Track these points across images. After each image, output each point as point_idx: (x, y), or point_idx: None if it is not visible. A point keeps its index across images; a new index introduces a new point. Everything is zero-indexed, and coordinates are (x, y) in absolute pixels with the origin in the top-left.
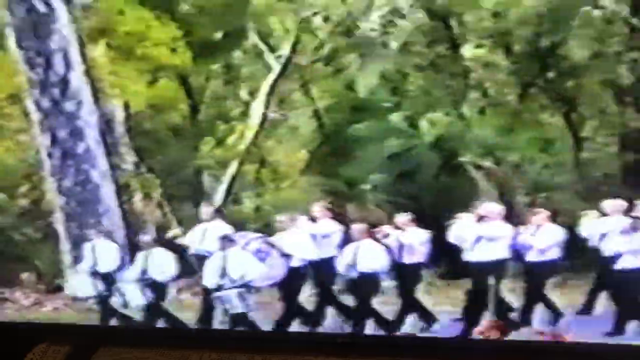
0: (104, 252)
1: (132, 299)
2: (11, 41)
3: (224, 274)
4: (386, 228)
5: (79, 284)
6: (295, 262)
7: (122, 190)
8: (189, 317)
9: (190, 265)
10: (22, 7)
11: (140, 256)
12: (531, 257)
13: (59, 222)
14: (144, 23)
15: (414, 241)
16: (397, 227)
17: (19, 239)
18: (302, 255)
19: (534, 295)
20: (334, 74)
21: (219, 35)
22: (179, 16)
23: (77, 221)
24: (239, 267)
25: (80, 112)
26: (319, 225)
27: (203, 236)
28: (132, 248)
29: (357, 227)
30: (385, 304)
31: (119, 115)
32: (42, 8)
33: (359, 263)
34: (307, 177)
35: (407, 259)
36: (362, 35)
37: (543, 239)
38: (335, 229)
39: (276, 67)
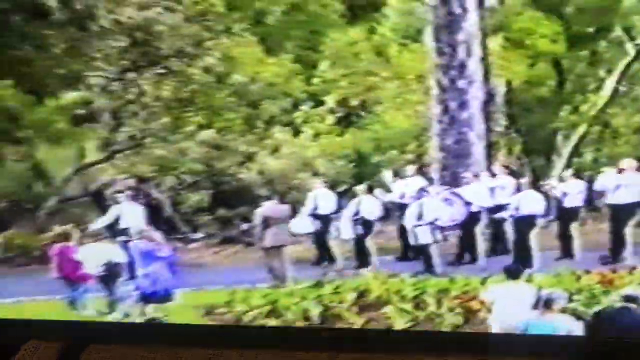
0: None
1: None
2: (427, 35)
3: (420, 217)
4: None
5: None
6: (474, 208)
7: (491, 148)
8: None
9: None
10: (443, 10)
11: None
12: None
13: (434, 172)
14: (535, 21)
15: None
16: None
17: None
18: (480, 203)
19: None
20: None
21: (591, 30)
22: (564, 15)
23: (450, 171)
24: (433, 211)
25: (471, 89)
26: (497, 180)
27: (406, 188)
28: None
29: (523, 181)
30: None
31: (501, 90)
32: (458, 11)
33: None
34: (638, 135)
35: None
36: None
37: None
38: (509, 182)
39: (632, 53)
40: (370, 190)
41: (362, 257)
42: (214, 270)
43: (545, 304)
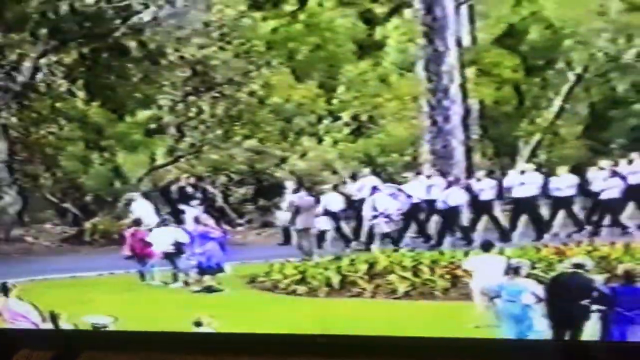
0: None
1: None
2: (419, 67)
3: (375, 208)
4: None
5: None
6: (415, 200)
7: (469, 151)
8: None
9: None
10: (431, 48)
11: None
12: None
13: (426, 169)
14: (500, 56)
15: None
16: None
17: None
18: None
19: None
20: None
21: (542, 62)
22: (521, 52)
23: (437, 171)
24: (382, 204)
25: (453, 106)
26: (431, 180)
27: (362, 187)
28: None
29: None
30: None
31: (475, 107)
32: (442, 49)
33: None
34: (580, 141)
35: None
36: None
37: None
38: (440, 182)
39: (572, 79)
40: (335, 187)
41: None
42: (255, 247)
43: (513, 271)
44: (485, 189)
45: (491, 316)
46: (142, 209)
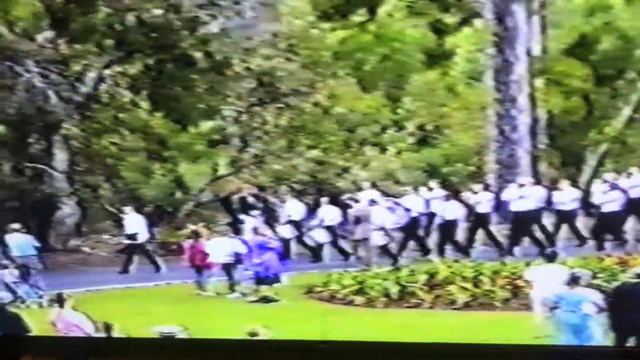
0: None
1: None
2: (487, 76)
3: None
4: None
5: None
6: (413, 214)
7: (535, 160)
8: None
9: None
10: (500, 58)
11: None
12: None
13: (490, 179)
14: (571, 66)
15: None
16: None
17: None
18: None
19: None
20: None
21: (612, 72)
22: (592, 62)
23: (501, 179)
24: (379, 217)
25: (520, 116)
26: (433, 193)
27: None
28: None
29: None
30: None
31: (543, 117)
32: (511, 58)
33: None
34: None
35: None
36: None
37: None
38: (440, 194)
39: None
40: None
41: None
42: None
43: (574, 281)
44: (482, 202)
45: (551, 326)
46: (134, 223)
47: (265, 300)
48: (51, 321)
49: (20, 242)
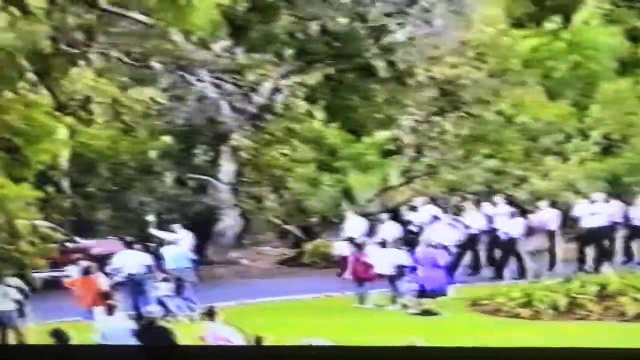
0: None
1: None
2: None
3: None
4: None
5: None
6: (473, 230)
7: None
8: None
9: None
10: None
11: None
12: None
13: None
14: None
15: None
16: None
17: None
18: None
19: None
20: None
21: None
22: None
23: None
24: (441, 234)
25: None
26: (497, 208)
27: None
28: None
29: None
30: None
31: None
32: None
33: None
34: None
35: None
36: None
37: None
38: (506, 210)
39: None
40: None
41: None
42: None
43: None
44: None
45: None
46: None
47: (427, 313)
48: (200, 336)
49: (176, 254)
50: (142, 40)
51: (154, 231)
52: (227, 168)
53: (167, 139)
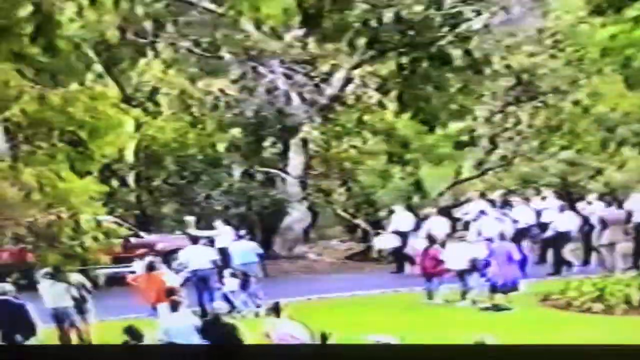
0: None
1: None
2: None
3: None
4: None
5: None
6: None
7: None
8: None
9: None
10: None
11: None
12: None
13: None
14: None
15: None
16: None
17: None
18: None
19: None
20: None
21: None
22: None
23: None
24: (489, 227)
25: None
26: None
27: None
28: None
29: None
30: None
31: None
32: None
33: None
34: None
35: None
36: None
37: None
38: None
39: None
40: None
41: None
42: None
43: None
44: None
45: None
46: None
47: (497, 308)
48: (265, 332)
49: (243, 249)
50: (212, 30)
51: (193, 231)
52: (296, 161)
53: (235, 131)
